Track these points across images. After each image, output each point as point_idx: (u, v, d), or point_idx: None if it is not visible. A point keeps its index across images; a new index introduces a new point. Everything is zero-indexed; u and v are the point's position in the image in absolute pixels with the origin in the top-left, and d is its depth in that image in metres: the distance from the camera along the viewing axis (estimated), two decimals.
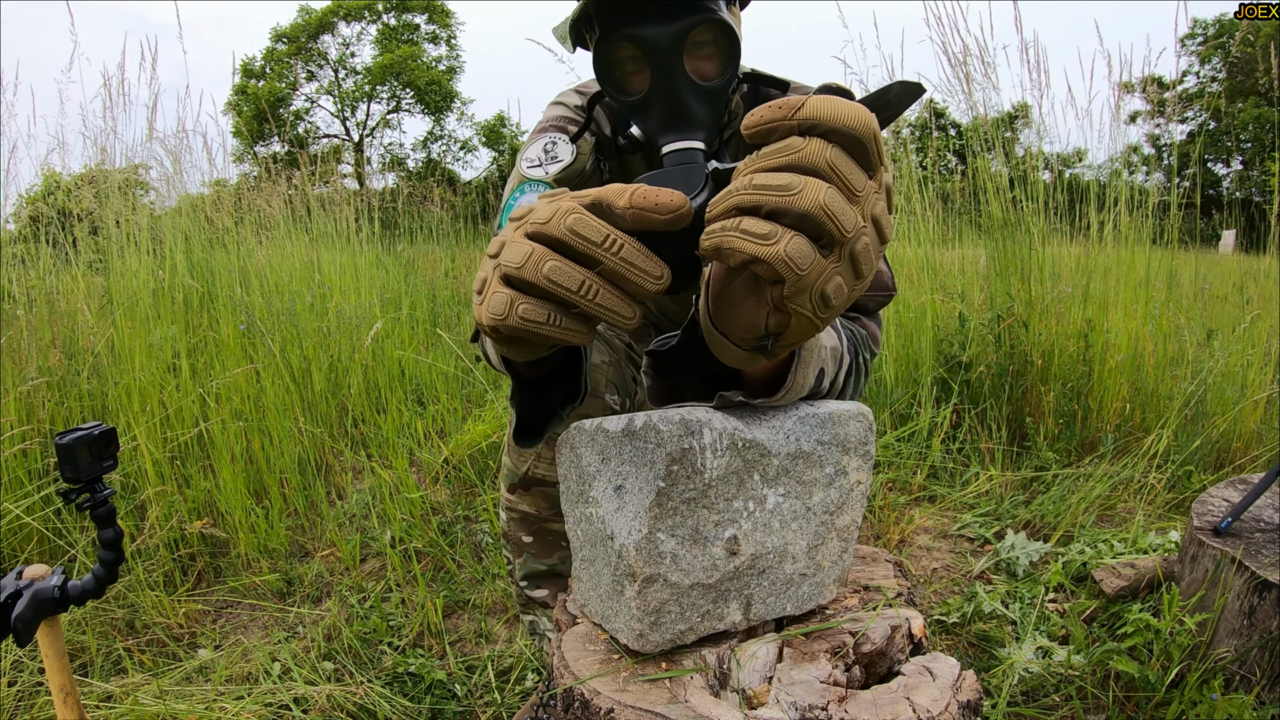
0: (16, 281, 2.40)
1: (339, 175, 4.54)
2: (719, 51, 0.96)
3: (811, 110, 0.44)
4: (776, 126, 0.45)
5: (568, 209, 0.47)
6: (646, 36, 0.90)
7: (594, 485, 0.62)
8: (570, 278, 0.47)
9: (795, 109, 0.45)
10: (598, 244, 0.47)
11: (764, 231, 0.44)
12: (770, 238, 0.44)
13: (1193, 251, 3.26)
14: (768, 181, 0.45)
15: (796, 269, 0.45)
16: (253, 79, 25.76)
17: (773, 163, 0.45)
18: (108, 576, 0.81)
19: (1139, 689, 1.24)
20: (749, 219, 0.45)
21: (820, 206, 0.44)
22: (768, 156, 0.46)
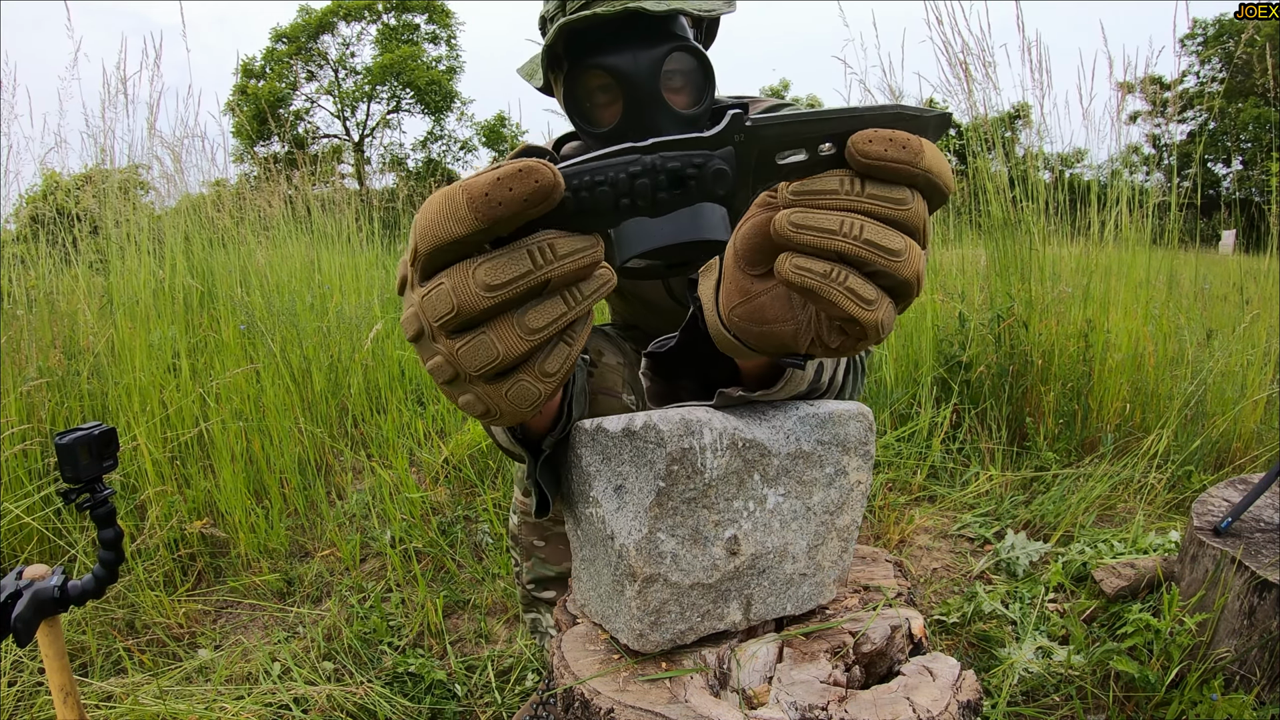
0: (16, 281, 2.40)
1: (339, 175, 4.54)
2: (691, 82, 0.95)
3: (931, 164, 0.43)
4: (902, 170, 0.43)
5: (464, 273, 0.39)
6: (620, 66, 0.88)
7: (594, 485, 0.62)
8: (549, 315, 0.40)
9: (919, 155, 0.43)
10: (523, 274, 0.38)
11: (870, 298, 0.43)
12: (873, 305, 0.43)
13: (1193, 251, 3.26)
14: (880, 241, 0.43)
15: (881, 334, 0.45)
16: (253, 79, 25.76)
17: (882, 211, 0.43)
18: (108, 576, 0.81)
19: (1139, 689, 1.24)
20: (856, 279, 0.43)
21: (917, 277, 0.44)
22: (878, 199, 0.43)
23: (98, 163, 2.64)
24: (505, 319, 0.39)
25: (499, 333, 0.39)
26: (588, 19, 0.88)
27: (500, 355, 0.39)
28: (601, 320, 1.91)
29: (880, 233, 0.43)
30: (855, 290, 0.43)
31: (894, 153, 0.42)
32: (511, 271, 0.38)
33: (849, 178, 0.44)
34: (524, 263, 0.38)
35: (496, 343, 0.39)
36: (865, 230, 0.43)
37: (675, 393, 0.73)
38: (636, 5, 0.87)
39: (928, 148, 0.43)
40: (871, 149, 0.42)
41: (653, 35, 0.91)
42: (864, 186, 0.43)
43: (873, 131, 0.43)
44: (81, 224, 2.67)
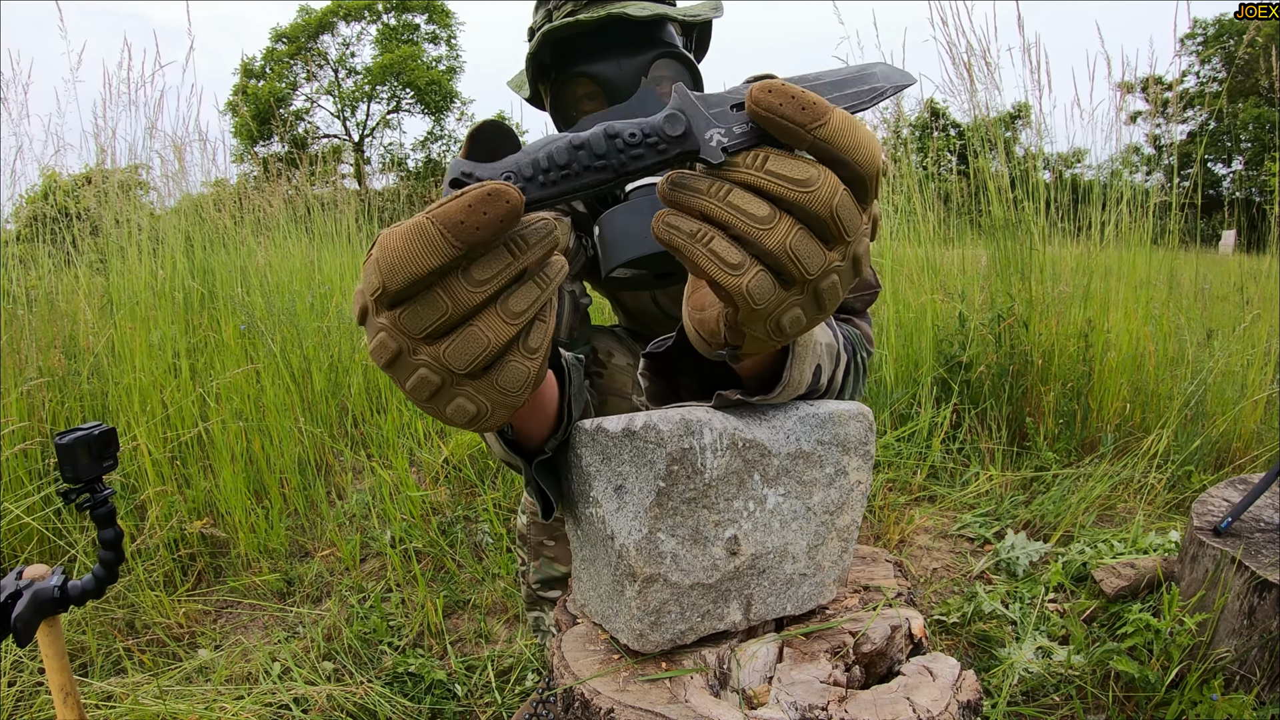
0: (17, 281, 2.40)
1: (339, 175, 4.54)
2: None
3: (833, 133, 0.41)
4: (791, 129, 0.41)
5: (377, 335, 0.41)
6: (605, 73, 0.89)
7: (594, 485, 0.62)
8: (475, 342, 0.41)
9: (818, 122, 0.41)
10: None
11: (734, 261, 0.43)
12: (738, 269, 0.43)
13: (1193, 251, 3.26)
14: (745, 207, 0.42)
15: (752, 303, 0.44)
16: (253, 79, 25.77)
17: (770, 180, 0.42)
18: (108, 576, 0.81)
19: (1139, 689, 1.24)
20: (720, 240, 0.43)
21: (785, 251, 0.42)
22: (771, 169, 0.42)
23: (98, 163, 2.64)
24: (489, 310, 0.40)
25: (486, 323, 0.40)
26: (571, 26, 0.88)
27: (490, 343, 0.40)
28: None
29: (745, 198, 0.42)
30: (715, 251, 0.43)
31: (789, 110, 0.41)
32: (496, 266, 0.40)
33: (760, 153, 0.43)
34: (503, 255, 0.40)
35: (485, 332, 0.40)
36: (732, 194, 0.42)
37: (675, 392, 0.73)
38: (620, 11, 0.87)
39: (837, 117, 0.41)
40: (766, 99, 0.41)
41: (638, 42, 0.91)
42: (765, 160, 0.43)
43: (777, 83, 0.41)
44: (82, 224, 2.67)
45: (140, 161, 2.79)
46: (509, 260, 0.40)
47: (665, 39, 0.94)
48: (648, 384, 0.71)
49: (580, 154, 0.43)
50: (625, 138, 0.43)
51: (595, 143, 0.43)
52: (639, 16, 0.88)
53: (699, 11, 1.00)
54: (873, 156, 0.43)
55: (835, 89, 0.49)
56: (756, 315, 0.45)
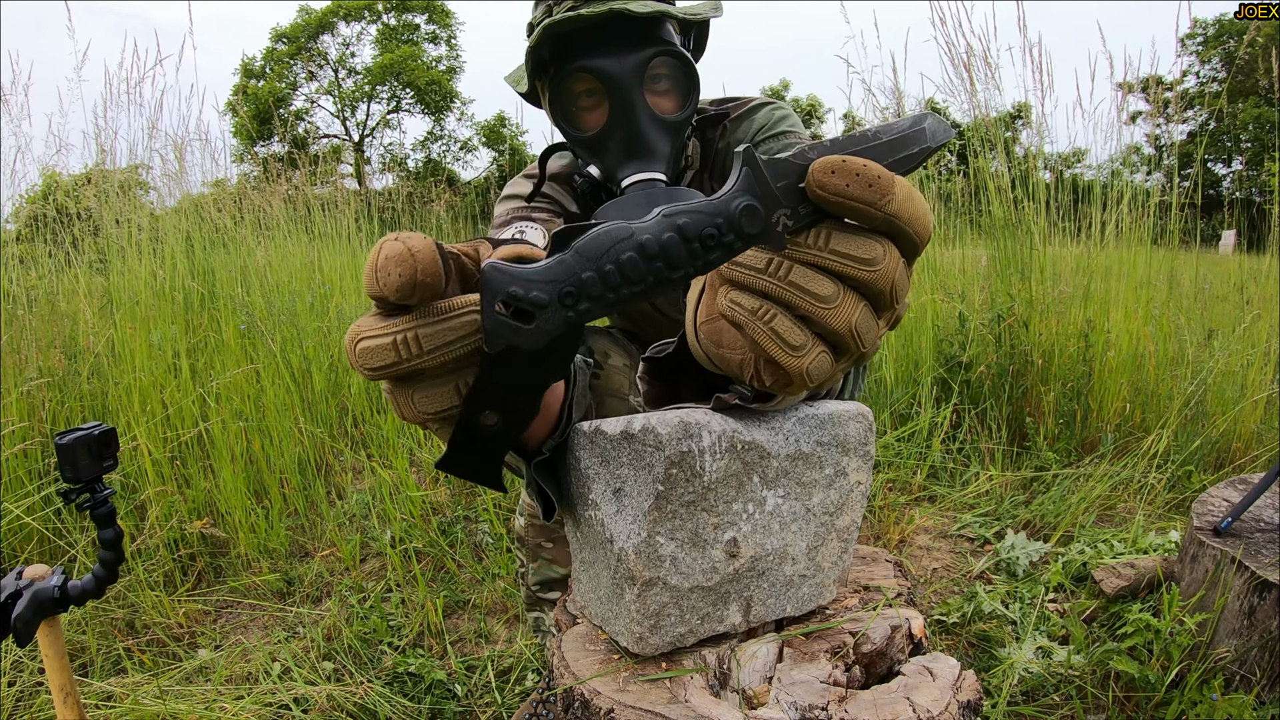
0: (17, 281, 2.40)
1: (339, 175, 4.54)
2: (676, 87, 0.95)
3: (899, 208, 0.40)
4: (860, 210, 0.40)
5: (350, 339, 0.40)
6: (605, 68, 0.89)
7: (593, 488, 0.62)
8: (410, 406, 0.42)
9: (886, 198, 0.40)
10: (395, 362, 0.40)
11: (797, 343, 0.42)
12: (799, 350, 0.42)
13: (1193, 251, 3.26)
14: (809, 286, 0.41)
15: (809, 382, 0.43)
16: (253, 79, 25.76)
17: (836, 261, 0.41)
18: (108, 576, 0.81)
19: (1139, 689, 1.24)
20: (783, 320, 0.42)
21: (850, 330, 0.42)
22: (836, 248, 0.41)
23: (98, 163, 2.64)
24: (401, 389, 0.41)
25: (396, 399, 0.41)
26: (572, 20, 0.88)
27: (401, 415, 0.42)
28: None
29: (809, 276, 0.41)
30: (779, 333, 0.42)
31: (856, 190, 0.40)
32: (383, 359, 0.39)
33: (821, 230, 0.42)
34: (390, 354, 0.39)
35: (397, 405, 0.42)
36: (794, 273, 0.41)
37: (674, 393, 0.73)
38: (621, 7, 0.87)
39: (900, 188, 0.40)
40: (831, 183, 0.40)
41: (637, 39, 0.91)
42: (828, 238, 0.41)
43: (838, 161, 0.40)
44: (83, 224, 2.67)
45: (140, 161, 2.79)
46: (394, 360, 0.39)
47: (664, 36, 0.94)
48: (645, 388, 0.71)
49: (656, 265, 0.38)
50: (703, 239, 0.39)
51: (673, 250, 0.38)
52: (640, 13, 0.88)
53: (699, 11, 1.00)
54: (929, 224, 0.43)
55: (890, 152, 0.46)
56: (801, 385, 0.44)
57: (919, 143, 0.48)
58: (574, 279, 0.37)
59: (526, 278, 0.37)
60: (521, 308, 0.37)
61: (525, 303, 0.37)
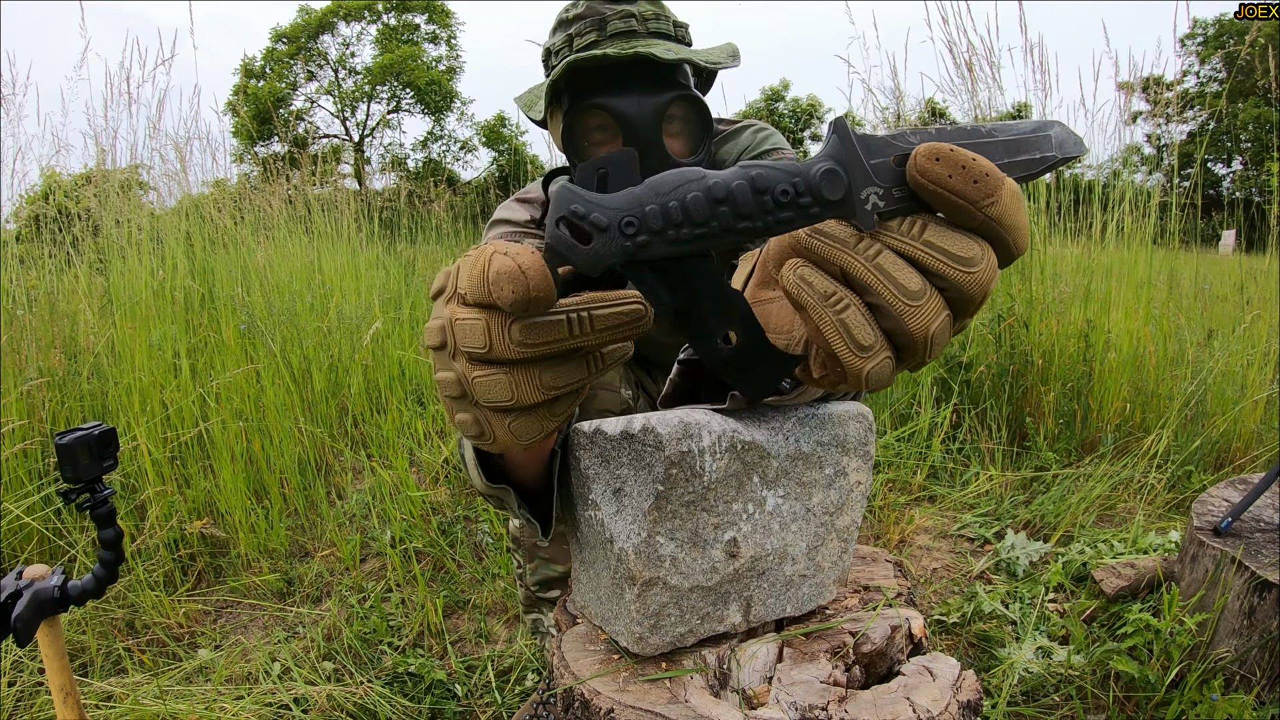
0: (17, 281, 2.40)
1: (339, 175, 4.55)
2: (689, 130, 0.96)
3: (1003, 212, 0.37)
4: (961, 206, 0.37)
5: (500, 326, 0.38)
6: (623, 109, 0.90)
7: (593, 488, 0.62)
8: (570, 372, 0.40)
9: (990, 199, 0.36)
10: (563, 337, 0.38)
11: (865, 343, 0.38)
12: (865, 351, 0.38)
13: (1193, 251, 3.26)
14: (896, 275, 0.37)
15: (866, 386, 0.40)
16: (253, 79, 25.76)
17: (929, 254, 0.37)
18: (108, 576, 0.81)
19: (1139, 689, 1.24)
20: (856, 313, 0.38)
21: (927, 337, 0.38)
22: (931, 240, 0.37)
23: (99, 162, 2.64)
24: (528, 369, 0.38)
25: (517, 379, 0.39)
26: (597, 59, 0.89)
27: (514, 399, 0.39)
28: None
29: (898, 265, 0.37)
30: (849, 326, 0.38)
31: (959, 184, 0.36)
32: (546, 335, 0.37)
33: (916, 220, 0.38)
34: (560, 329, 0.37)
35: (514, 387, 0.39)
36: (882, 256, 0.38)
37: (693, 391, 0.72)
38: (647, 51, 0.88)
39: (1006, 192, 0.37)
40: (933, 170, 0.36)
41: (657, 81, 0.92)
42: (923, 229, 0.38)
43: (945, 149, 0.36)
44: (83, 224, 2.67)
45: (140, 161, 2.79)
46: (561, 335, 0.37)
47: (682, 80, 0.95)
48: (670, 388, 0.70)
49: (721, 210, 0.37)
50: (776, 194, 0.37)
51: (741, 198, 0.37)
52: (665, 59, 0.89)
53: (718, 60, 1.01)
54: (1027, 237, 0.39)
55: (1007, 152, 0.42)
56: (859, 388, 0.41)
57: (1041, 149, 0.43)
58: (637, 209, 0.37)
59: (592, 200, 0.37)
60: (581, 228, 0.37)
61: (586, 222, 0.36)
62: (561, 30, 1.00)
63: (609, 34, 0.95)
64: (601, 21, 0.96)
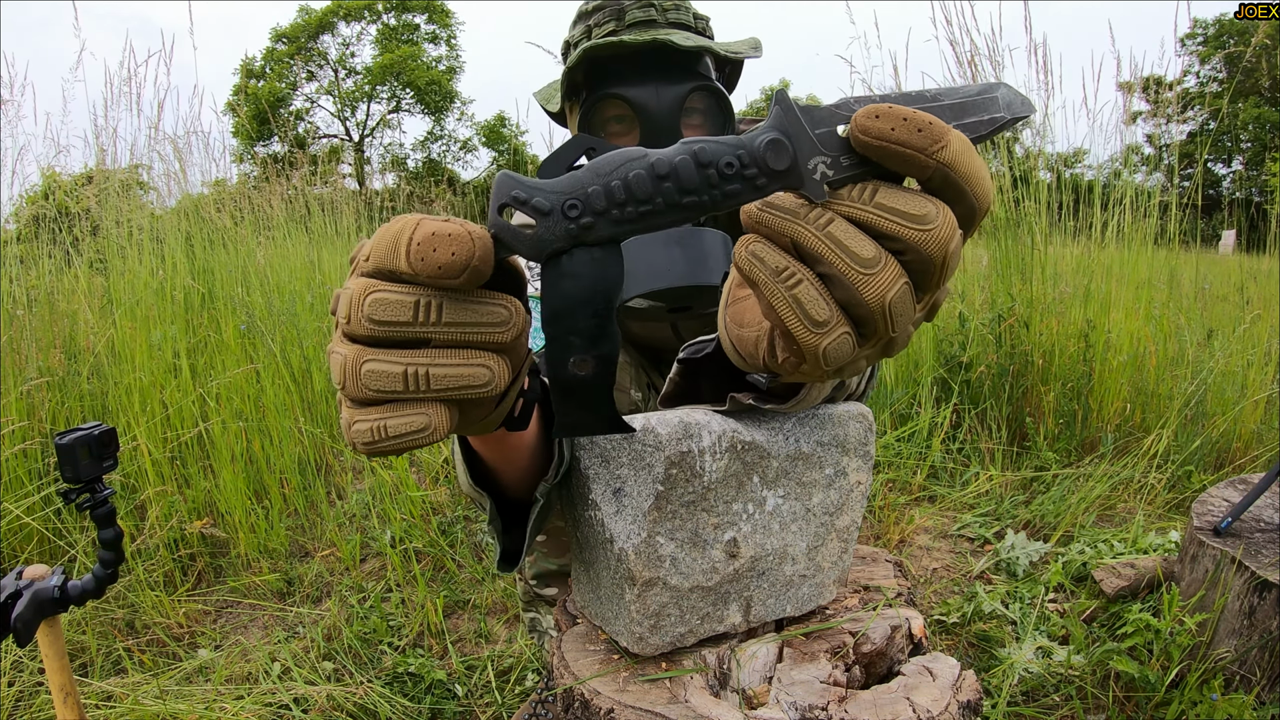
0: (17, 281, 2.40)
1: (339, 175, 4.55)
2: (710, 122, 0.94)
3: (956, 159, 0.35)
4: (909, 155, 0.35)
5: (360, 292, 0.36)
6: (641, 99, 0.88)
7: (593, 488, 0.62)
8: (390, 375, 0.35)
9: (939, 143, 0.35)
10: (410, 321, 0.35)
11: (819, 318, 0.37)
12: (820, 327, 0.37)
13: (1193, 251, 3.26)
14: (847, 242, 0.36)
15: (824, 364, 0.38)
16: (253, 79, 25.76)
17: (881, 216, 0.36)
18: (108, 576, 0.81)
19: (1139, 689, 1.24)
20: (808, 287, 0.37)
21: (883, 307, 0.36)
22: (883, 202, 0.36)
23: (98, 163, 2.64)
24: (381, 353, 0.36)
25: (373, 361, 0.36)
26: (614, 46, 0.88)
27: (338, 380, 0.36)
28: None
29: (850, 233, 0.36)
30: (802, 302, 0.37)
31: (903, 134, 0.34)
32: (392, 314, 0.35)
33: (867, 185, 0.37)
34: (406, 310, 0.35)
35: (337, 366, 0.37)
36: (833, 225, 0.36)
37: (696, 391, 0.72)
38: (666, 38, 0.87)
39: (955, 138, 0.35)
40: (875, 126, 0.35)
41: (677, 71, 0.90)
42: (874, 193, 0.37)
43: (884, 107, 0.35)
44: (83, 223, 2.67)
45: (140, 161, 2.79)
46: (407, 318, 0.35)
47: (703, 71, 0.94)
48: (672, 388, 0.70)
49: (665, 186, 0.36)
50: (720, 168, 0.36)
51: (684, 173, 0.36)
52: (684, 46, 0.88)
53: (739, 50, 1.00)
54: (989, 187, 0.38)
55: (953, 115, 0.41)
56: (819, 367, 0.39)
57: (989, 110, 0.42)
58: (579, 191, 0.36)
59: (533, 185, 0.36)
60: (523, 213, 0.36)
61: (527, 208, 0.36)
62: (581, 22, 1.00)
63: (627, 23, 0.94)
64: (620, 11, 0.95)
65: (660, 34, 0.87)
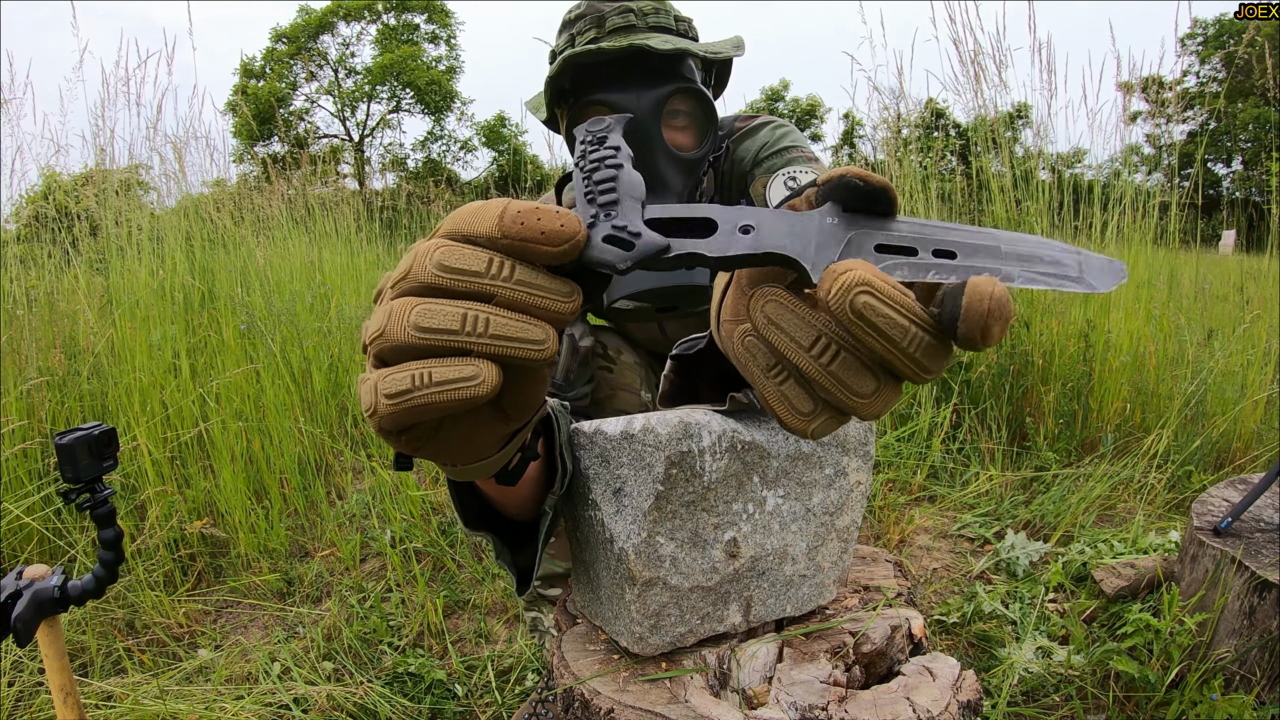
0: (16, 281, 2.40)
1: (339, 175, 4.55)
2: (694, 124, 0.96)
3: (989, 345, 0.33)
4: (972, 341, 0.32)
5: (429, 247, 0.36)
6: (622, 103, 0.90)
7: (593, 488, 0.62)
8: (447, 315, 0.34)
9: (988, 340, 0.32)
10: (481, 273, 0.35)
11: (805, 410, 0.38)
12: (807, 417, 0.38)
13: (1193, 251, 3.26)
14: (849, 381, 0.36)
15: (812, 436, 0.39)
16: (253, 79, 25.76)
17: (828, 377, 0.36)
18: (108, 576, 0.81)
19: (1139, 689, 1.24)
20: (793, 386, 0.38)
21: (876, 416, 0.37)
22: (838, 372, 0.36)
23: (98, 163, 2.64)
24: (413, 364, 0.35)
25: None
26: (593, 53, 0.89)
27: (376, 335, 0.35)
28: None
29: (852, 370, 0.35)
30: (789, 397, 0.38)
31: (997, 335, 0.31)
32: (464, 262, 0.35)
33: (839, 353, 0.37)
34: (480, 261, 0.35)
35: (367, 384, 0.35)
36: (837, 363, 0.36)
37: (693, 389, 0.72)
38: (643, 42, 0.88)
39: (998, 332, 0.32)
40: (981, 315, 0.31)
41: (658, 75, 0.92)
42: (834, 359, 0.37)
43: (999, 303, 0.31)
44: (82, 224, 2.67)
45: (140, 162, 2.79)
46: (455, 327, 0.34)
47: (685, 74, 0.95)
48: (667, 386, 0.70)
49: None
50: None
51: None
52: (661, 49, 0.89)
53: (720, 49, 1.01)
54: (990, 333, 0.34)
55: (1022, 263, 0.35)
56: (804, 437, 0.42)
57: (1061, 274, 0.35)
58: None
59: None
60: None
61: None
62: (564, 31, 1.01)
63: (608, 30, 0.95)
64: (600, 19, 0.96)
65: (638, 39, 0.89)
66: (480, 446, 0.42)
